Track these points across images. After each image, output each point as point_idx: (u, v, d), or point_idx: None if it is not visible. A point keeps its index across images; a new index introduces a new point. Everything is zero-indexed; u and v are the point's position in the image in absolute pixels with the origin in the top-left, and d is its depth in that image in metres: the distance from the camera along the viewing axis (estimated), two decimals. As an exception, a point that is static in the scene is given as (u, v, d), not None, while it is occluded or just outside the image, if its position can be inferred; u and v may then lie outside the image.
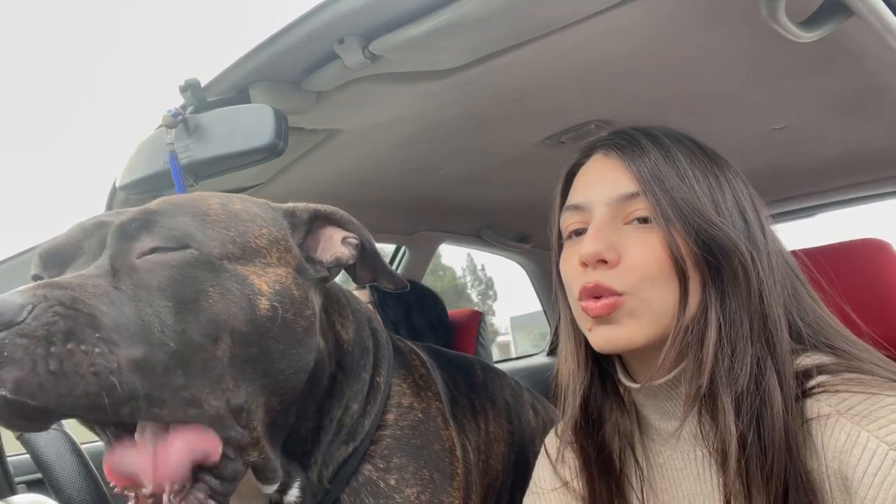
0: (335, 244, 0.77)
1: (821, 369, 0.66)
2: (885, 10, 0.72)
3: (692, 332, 0.67)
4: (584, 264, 0.69)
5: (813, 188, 1.70)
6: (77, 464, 0.98)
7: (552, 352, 2.35)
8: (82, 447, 0.97)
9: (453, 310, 1.82)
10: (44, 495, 0.98)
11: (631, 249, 0.69)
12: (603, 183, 0.73)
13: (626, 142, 0.74)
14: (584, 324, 0.72)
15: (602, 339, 0.70)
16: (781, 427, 0.63)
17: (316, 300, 0.72)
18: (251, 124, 0.82)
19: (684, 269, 0.68)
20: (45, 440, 0.99)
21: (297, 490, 0.73)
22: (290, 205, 0.76)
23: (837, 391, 0.63)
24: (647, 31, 0.85)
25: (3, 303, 0.52)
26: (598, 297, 0.69)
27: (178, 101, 0.88)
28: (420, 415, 0.84)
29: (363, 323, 0.86)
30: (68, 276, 0.61)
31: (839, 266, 0.78)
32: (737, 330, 0.67)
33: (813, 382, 0.65)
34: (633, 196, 0.70)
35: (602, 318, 0.69)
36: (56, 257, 0.66)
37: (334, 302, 0.81)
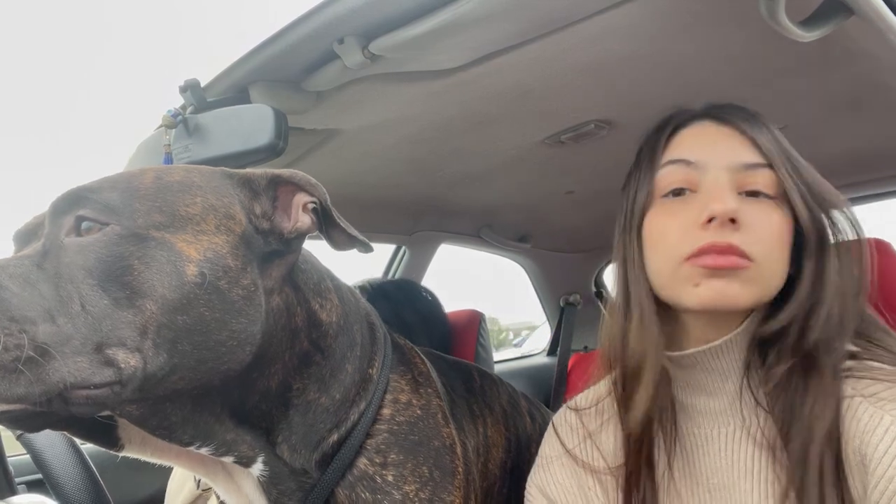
0: (299, 212, 0.74)
1: (849, 355, 0.69)
2: (886, 10, 0.72)
3: (811, 300, 0.70)
4: (709, 221, 0.68)
5: (813, 188, 1.69)
6: (77, 464, 0.98)
7: (552, 351, 2.35)
8: (82, 447, 0.98)
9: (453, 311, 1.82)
10: (44, 495, 0.98)
11: (753, 219, 0.69)
12: (721, 147, 0.73)
13: (742, 114, 0.75)
14: (688, 282, 0.70)
15: (714, 291, 0.68)
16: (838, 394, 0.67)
17: (258, 271, 0.70)
18: (251, 124, 0.82)
19: (807, 243, 0.71)
20: (46, 440, 0.99)
21: (262, 464, 0.73)
22: (248, 171, 0.73)
23: (863, 377, 0.67)
24: (647, 31, 0.84)
25: None
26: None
27: (179, 101, 0.88)
28: (419, 411, 0.83)
29: (355, 314, 0.84)
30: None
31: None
32: (846, 300, 0.70)
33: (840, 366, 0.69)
34: (754, 167, 0.71)
35: (718, 273, 0.68)
36: (23, 238, 0.68)
37: (311, 280, 0.78)
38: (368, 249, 0.76)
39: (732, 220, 0.68)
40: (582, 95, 1.05)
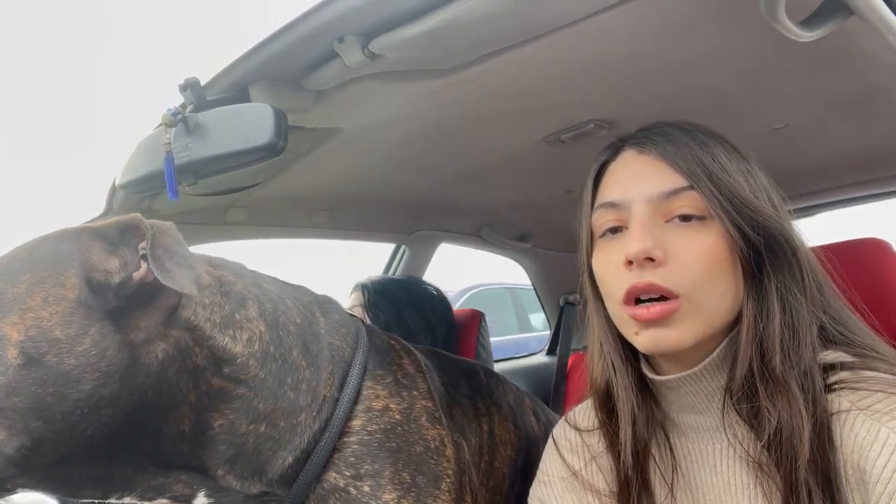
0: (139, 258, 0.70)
1: (842, 366, 0.67)
2: (886, 10, 0.72)
3: (760, 323, 0.68)
4: (629, 262, 0.68)
5: (813, 188, 1.70)
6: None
7: (552, 351, 2.35)
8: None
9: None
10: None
11: (679, 248, 0.67)
12: (641, 180, 0.72)
13: (662, 138, 0.73)
14: (629, 328, 0.71)
15: (650, 341, 0.68)
16: (824, 411, 0.65)
17: (113, 328, 0.67)
18: (251, 123, 0.81)
19: (743, 262, 0.68)
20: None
21: (204, 498, 0.74)
22: (103, 223, 0.71)
23: (857, 388, 0.64)
24: (647, 31, 0.84)
25: None
26: (647, 303, 0.67)
27: (178, 99, 0.88)
28: (398, 416, 0.82)
29: (296, 337, 0.81)
30: None
31: (839, 266, 0.78)
32: (800, 316, 0.68)
33: (834, 378, 0.66)
34: (676, 192, 0.69)
35: (649, 322, 0.68)
36: None
37: (215, 315, 0.75)
38: (191, 294, 0.69)
39: (651, 259, 0.67)
40: (582, 95, 1.05)
